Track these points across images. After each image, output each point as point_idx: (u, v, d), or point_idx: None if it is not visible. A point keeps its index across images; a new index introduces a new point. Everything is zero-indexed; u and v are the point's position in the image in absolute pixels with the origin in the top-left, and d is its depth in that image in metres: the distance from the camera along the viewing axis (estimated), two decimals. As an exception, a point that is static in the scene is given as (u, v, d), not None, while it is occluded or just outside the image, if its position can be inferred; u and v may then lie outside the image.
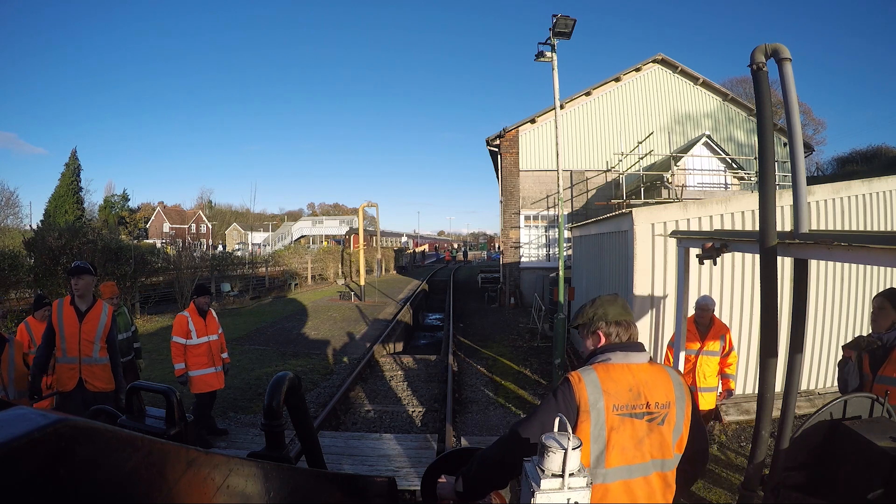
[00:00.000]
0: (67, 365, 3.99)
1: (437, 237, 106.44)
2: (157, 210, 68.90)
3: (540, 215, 17.61)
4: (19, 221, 34.45)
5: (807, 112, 38.31)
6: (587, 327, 1.84)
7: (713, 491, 4.50)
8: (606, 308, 1.81)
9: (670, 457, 1.65)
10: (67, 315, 4.00)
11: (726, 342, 4.72)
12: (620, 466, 1.57)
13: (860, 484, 2.37)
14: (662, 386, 1.67)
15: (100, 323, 4.11)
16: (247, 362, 9.24)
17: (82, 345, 4.00)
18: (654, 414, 1.62)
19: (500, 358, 9.92)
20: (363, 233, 21.32)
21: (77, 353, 3.98)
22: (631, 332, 1.80)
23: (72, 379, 3.99)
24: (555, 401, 1.61)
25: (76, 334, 3.98)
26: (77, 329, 3.99)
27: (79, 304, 4.05)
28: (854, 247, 1.86)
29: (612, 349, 1.74)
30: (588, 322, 1.83)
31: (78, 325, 4.00)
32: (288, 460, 1.16)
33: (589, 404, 1.57)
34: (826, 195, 6.41)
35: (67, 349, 3.96)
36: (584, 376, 1.63)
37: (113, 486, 0.50)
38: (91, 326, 4.06)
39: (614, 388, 1.61)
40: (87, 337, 4.02)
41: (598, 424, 1.56)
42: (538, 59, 8.17)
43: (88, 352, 4.02)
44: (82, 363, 4.00)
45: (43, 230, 14.54)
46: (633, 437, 1.59)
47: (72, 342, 3.97)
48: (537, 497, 1.18)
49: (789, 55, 2.28)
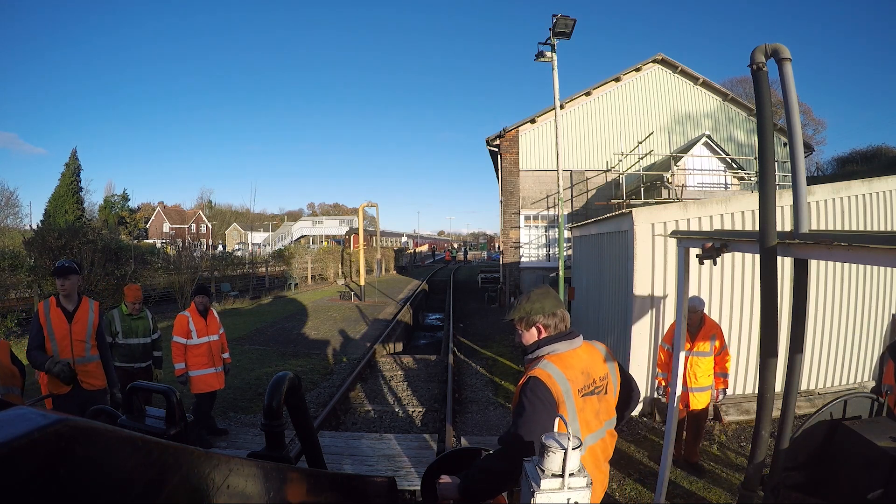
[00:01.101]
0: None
1: (437, 237, 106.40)
2: (157, 210, 68.89)
3: (540, 215, 17.61)
4: (19, 221, 34.51)
5: (807, 112, 38.31)
6: (525, 321, 1.96)
7: (713, 491, 4.50)
8: (543, 302, 1.96)
9: (615, 415, 2.00)
10: (55, 317, 3.92)
11: (718, 342, 4.74)
12: (587, 436, 1.81)
13: (860, 484, 2.37)
14: (598, 361, 1.96)
15: (89, 321, 4.07)
16: (247, 362, 9.24)
17: (74, 345, 3.95)
18: (599, 387, 1.90)
19: (499, 358, 9.92)
20: (363, 233, 21.32)
21: (70, 355, 3.92)
22: (566, 320, 2.00)
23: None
24: (541, 403, 1.72)
25: (67, 336, 3.92)
26: (67, 330, 3.93)
27: (66, 305, 3.98)
28: (854, 247, 1.86)
29: (558, 339, 1.93)
30: (525, 316, 1.95)
31: (68, 325, 3.94)
32: (288, 460, 1.16)
33: (563, 396, 1.76)
34: (826, 195, 6.41)
35: (59, 351, 3.88)
36: (549, 372, 1.79)
37: (113, 486, 0.50)
38: (81, 326, 4.00)
39: (573, 374, 1.82)
40: (77, 337, 3.97)
41: (572, 410, 1.77)
42: (538, 59, 8.18)
43: (81, 351, 3.98)
44: (76, 364, 3.94)
45: (43, 230, 14.53)
46: (593, 410, 1.86)
47: (63, 344, 3.90)
48: (537, 497, 1.18)
49: (789, 55, 2.28)
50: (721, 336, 4.77)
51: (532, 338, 1.96)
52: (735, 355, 6.24)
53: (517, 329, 2.02)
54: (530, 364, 1.91)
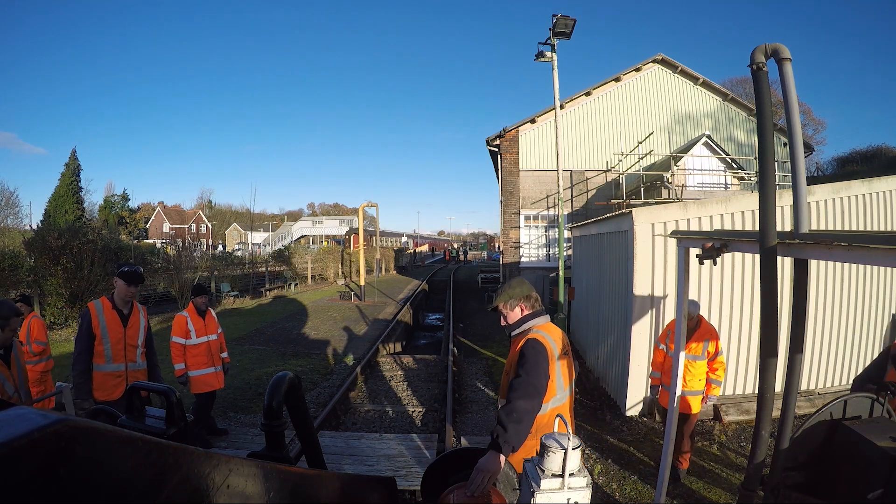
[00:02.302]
0: (113, 372, 3.74)
1: (437, 237, 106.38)
2: (157, 210, 68.89)
3: (540, 215, 17.61)
4: (19, 221, 34.45)
5: (807, 112, 38.30)
6: (509, 303, 2.47)
7: (713, 491, 4.50)
8: (521, 287, 2.50)
9: (575, 374, 2.53)
10: (110, 318, 3.72)
11: (712, 346, 4.64)
12: (565, 389, 2.36)
13: (860, 484, 2.37)
14: (561, 331, 2.48)
15: (141, 326, 3.93)
16: (247, 362, 9.24)
17: (127, 350, 3.78)
18: (567, 352, 2.44)
19: (500, 358, 9.92)
20: (363, 233, 21.32)
21: (123, 360, 3.75)
22: (539, 300, 2.54)
23: (118, 387, 3.73)
24: (541, 355, 2.22)
25: (121, 339, 3.75)
26: (122, 334, 3.76)
27: (121, 307, 3.80)
28: (854, 247, 1.86)
29: (539, 314, 2.47)
30: (509, 299, 2.47)
31: (123, 329, 3.76)
32: (288, 460, 1.16)
33: (553, 354, 2.27)
34: (826, 195, 6.41)
35: (113, 356, 3.71)
36: (542, 336, 2.31)
37: (113, 486, 0.50)
38: (134, 331, 3.85)
39: (555, 339, 2.35)
40: (131, 342, 3.81)
41: (557, 367, 2.29)
42: (538, 59, 8.17)
43: (133, 357, 3.82)
44: (128, 369, 3.77)
45: (43, 230, 14.52)
46: (567, 368, 2.38)
47: (117, 348, 3.73)
48: (537, 497, 1.18)
49: (789, 55, 2.28)
50: (716, 341, 4.68)
51: (517, 315, 2.47)
52: (735, 355, 6.24)
53: (502, 312, 2.49)
54: (519, 336, 2.42)
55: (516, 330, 2.45)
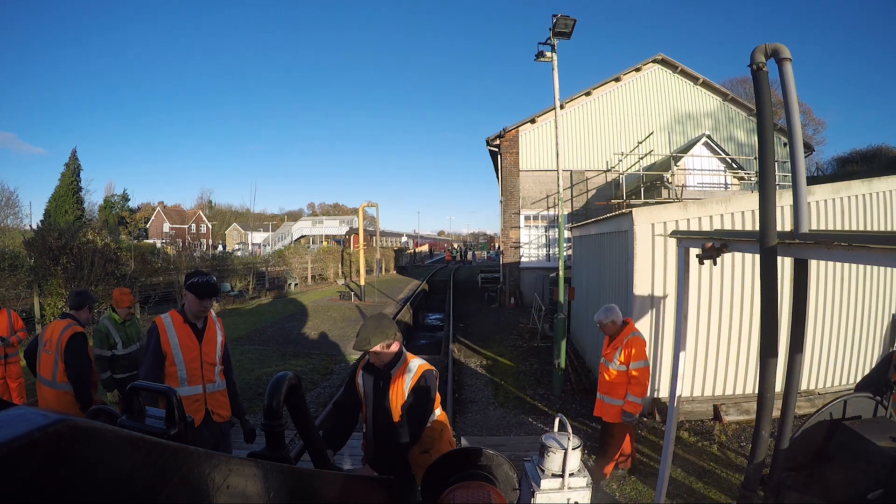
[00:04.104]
0: (190, 396, 3.17)
1: (437, 237, 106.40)
2: (157, 210, 68.90)
3: (540, 215, 17.61)
4: (19, 221, 34.40)
5: (807, 112, 38.30)
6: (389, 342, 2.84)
7: (713, 491, 4.50)
8: (392, 326, 2.89)
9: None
10: (183, 334, 3.19)
11: (623, 355, 4.39)
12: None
13: (860, 484, 2.37)
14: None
15: (218, 341, 3.38)
16: (247, 362, 9.24)
17: (205, 369, 3.26)
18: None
19: (499, 358, 9.92)
20: (363, 233, 21.32)
21: (200, 380, 3.23)
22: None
23: (197, 412, 3.21)
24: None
25: (197, 358, 3.21)
26: (198, 352, 3.22)
27: (194, 321, 3.27)
28: (854, 247, 1.86)
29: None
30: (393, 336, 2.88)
31: (198, 346, 3.23)
32: (288, 460, 1.17)
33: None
34: (826, 195, 6.41)
35: (189, 377, 3.16)
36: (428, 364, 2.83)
37: (113, 486, 0.50)
38: (211, 347, 3.33)
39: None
40: (208, 359, 3.29)
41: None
42: (538, 59, 8.16)
43: (211, 377, 3.31)
44: (207, 391, 3.26)
45: (43, 230, 14.53)
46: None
47: (192, 367, 3.19)
48: (537, 497, 1.18)
49: (789, 55, 2.28)
50: (629, 350, 4.36)
51: (396, 348, 2.83)
52: (735, 355, 6.24)
53: (380, 350, 2.75)
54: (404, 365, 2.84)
55: (398, 363, 2.89)
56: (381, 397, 2.80)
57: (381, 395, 2.80)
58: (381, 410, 2.79)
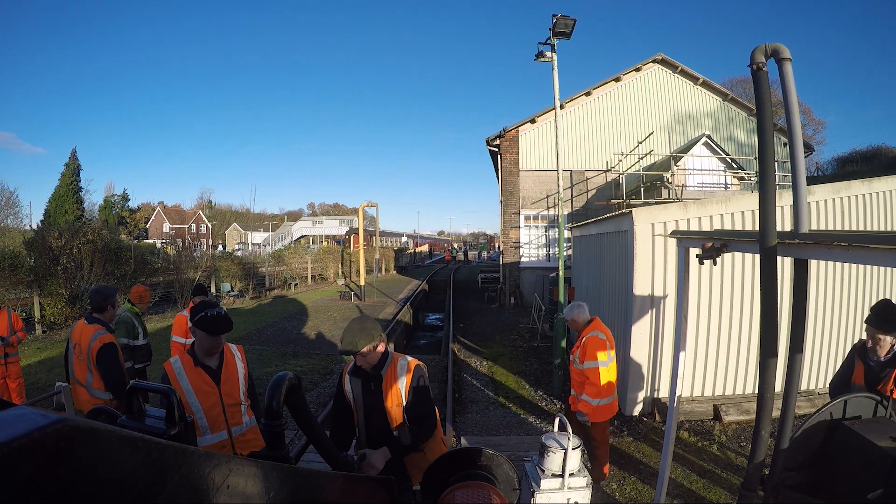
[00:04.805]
0: (216, 444, 2.79)
1: (437, 237, 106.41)
2: (157, 210, 68.91)
3: (540, 215, 17.61)
4: (19, 221, 34.43)
5: (807, 112, 38.33)
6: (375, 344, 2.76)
7: (713, 491, 4.50)
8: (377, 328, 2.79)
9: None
10: (197, 380, 2.78)
11: (580, 354, 4.39)
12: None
13: (860, 484, 2.36)
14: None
15: (239, 374, 3.00)
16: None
17: (228, 413, 2.84)
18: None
19: (500, 358, 9.92)
20: (363, 233, 21.32)
21: (225, 426, 2.83)
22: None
23: None
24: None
25: (218, 403, 2.80)
26: (218, 396, 2.81)
27: (207, 362, 2.86)
28: (854, 247, 1.86)
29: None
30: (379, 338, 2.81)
31: (217, 389, 2.82)
32: (288, 460, 1.17)
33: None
34: (826, 195, 6.41)
35: (211, 425, 2.77)
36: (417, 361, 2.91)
37: (113, 486, 0.50)
38: (232, 385, 2.91)
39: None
40: (230, 400, 2.86)
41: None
42: (538, 59, 8.17)
43: (238, 419, 2.90)
44: (233, 435, 2.86)
45: (43, 230, 14.54)
46: None
47: (213, 414, 2.78)
48: (537, 497, 1.18)
49: (789, 55, 2.27)
50: (586, 350, 4.33)
51: (382, 349, 2.74)
52: (735, 355, 6.24)
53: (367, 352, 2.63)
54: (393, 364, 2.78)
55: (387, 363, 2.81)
56: (374, 399, 2.73)
57: (374, 398, 2.73)
58: (377, 412, 2.72)
